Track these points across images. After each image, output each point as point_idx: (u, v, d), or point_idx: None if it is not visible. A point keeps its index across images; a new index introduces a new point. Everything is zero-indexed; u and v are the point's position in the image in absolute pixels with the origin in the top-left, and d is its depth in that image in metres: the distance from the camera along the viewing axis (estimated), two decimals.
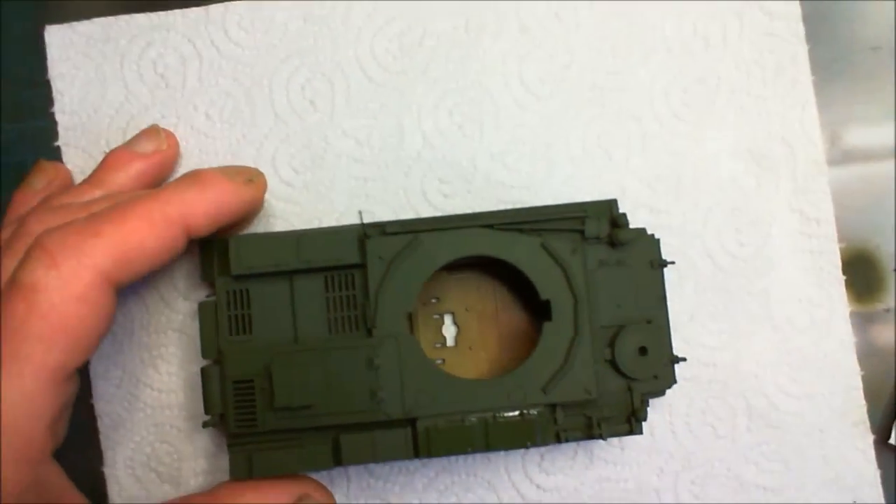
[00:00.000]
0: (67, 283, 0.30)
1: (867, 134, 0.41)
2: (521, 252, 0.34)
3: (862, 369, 0.39)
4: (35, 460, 0.30)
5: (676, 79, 0.40)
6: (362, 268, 0.34)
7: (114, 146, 0.39)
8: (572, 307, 0.34)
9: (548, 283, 0.34)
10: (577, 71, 0.40)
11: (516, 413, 0.33)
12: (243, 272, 0.34)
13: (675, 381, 0.35)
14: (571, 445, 0.38)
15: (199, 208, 0.33)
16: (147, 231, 0.32)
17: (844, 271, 0.40)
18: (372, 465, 0.38)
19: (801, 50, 0.40)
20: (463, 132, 0.40)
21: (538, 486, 0.38)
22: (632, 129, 0.40)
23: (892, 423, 0.39)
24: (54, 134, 0.40)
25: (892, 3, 0.41)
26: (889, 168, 0.41)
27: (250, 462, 0.33)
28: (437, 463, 0.38)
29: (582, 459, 0.38)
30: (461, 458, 0.38)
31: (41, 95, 0.40)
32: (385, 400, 0.33)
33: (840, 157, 0.41)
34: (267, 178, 0.39)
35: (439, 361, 0.37)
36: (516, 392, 0.33)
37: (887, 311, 0.40)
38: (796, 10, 0.40)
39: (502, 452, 0.38)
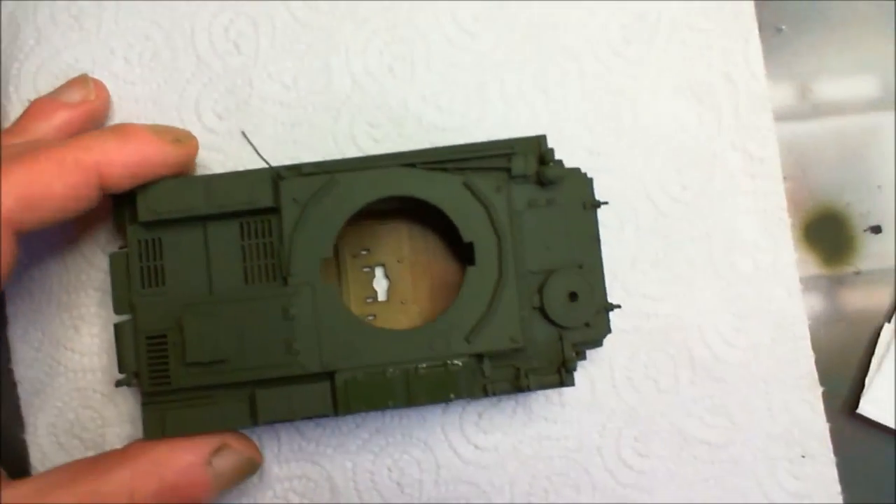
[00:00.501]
0: None
1: (839, 86, 0.39)
2: (442, 191, 0.32)
3: (830, 336, 0.38)
4: None
5: (615, 14, 0.38)
6: (278, 213, 0.32)
7: (22, 93, 0.37)
8: (496, 249, 0.32)
9: (471, 224, 0.32)
10: (511, 8, 0.38)
11: (439, 364, 0.31)
12: (152, 218, 0.32)
13: (609, 330, 0.33)
14: (510, 403, 0.37)
15: (118, 159, 0.31)
16: (56, 174, 0.30)
17: (811, 231, 0.38)
18: (303, 427, 0.36)
19: None
20: (393, 73, 0.38)
21: (476, 446, 0.37)
22: (569, 68, 0.38)
23: (861, 392, 0.37)
24: None
25: None
26: (862, 122, 0.39)
27: (164, 421, 0.31)
28: (371, 423, 0.37)
29: (521, 417, 0.37)
30: (396, 418, 0.37)
31: None
32: (301, 352, 0.31)
33: (810, 110, 0.39)
34: (190, 125, 0.37)
35: (370, 317, 0.36)
36: (439, 342, 0.31)
37: (857, 273, 0.38)
38: None
39: (438, 411, 0.37)
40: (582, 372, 0.37)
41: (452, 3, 0.38)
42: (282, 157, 0.37)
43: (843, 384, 0.38)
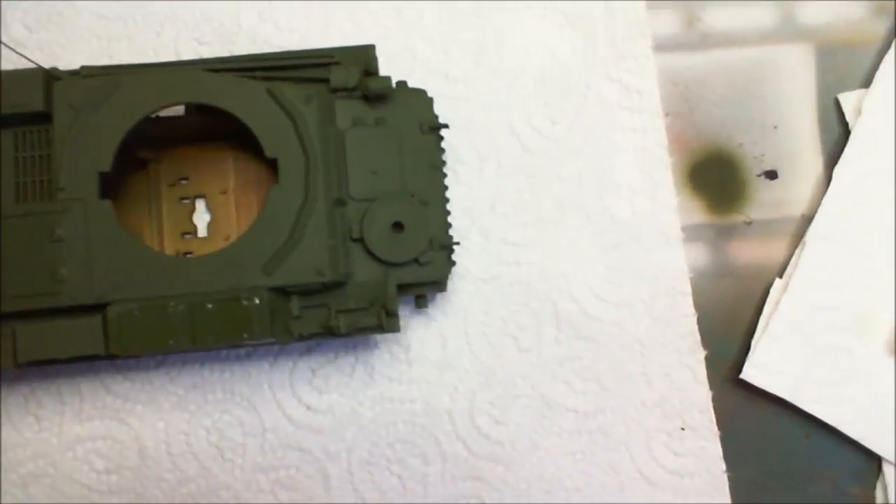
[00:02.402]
0: None
1: (731, 14, 0.35)
2: (241, 99, 0.27)
3: (717, 291, 0.34)
4: None
5: None
6: (51, 118, 0.28)
7: None
8: (303, 168, 0.27)
9: (275, 139, 0.28)
10: None
11: (231, 298, 0.27)
12: None
13: (448, 271, 0.29)
14: (349, 360, 0.32)
15: None
16: None
17: (697, 174, 0.34)
18: (108, 380, 0.32)
19: None
20: None
21: (308, 407, 0.32)
22: None
23: (746, 355, 0.33)
24: None
25: None
26: (756, 55, 0.35)
27: None
28: (186, 378, 0.32)
29: (361, 375, 0.32)
30: (216, 372, 0.32)
31: None
32: (69, 280, 0.27)
33: (697, 40, 0.35)
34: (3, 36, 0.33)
35: (188, 255, 0.31)
36: (231, 271, 0.27)
37: (748, 223, 0.34)
38: None
39: (266, 366, 0.32)
40: (431, 325, 0.32)
41: None
42: None
43: (729, 347, 0.33)
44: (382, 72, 0.31)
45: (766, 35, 0.35)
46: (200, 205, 0.32)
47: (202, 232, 0.32)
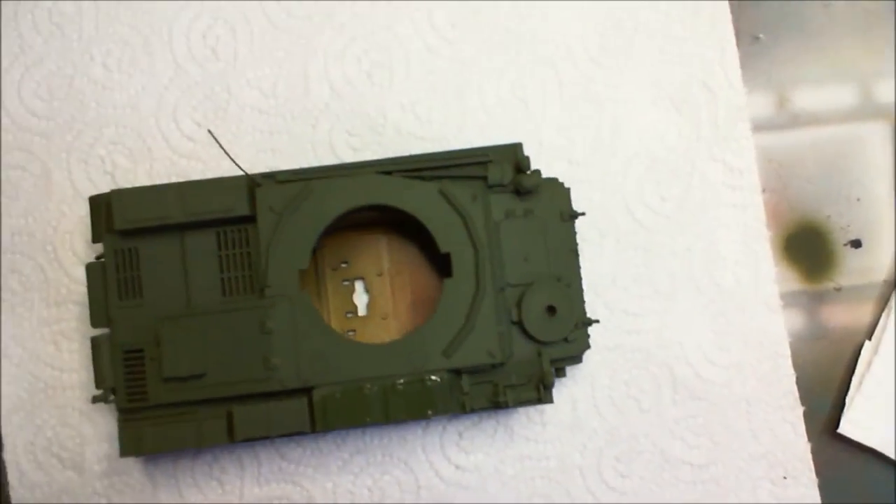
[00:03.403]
0: None
1: (817, 95, 0.39)
2: (417, 199, 0.32)
3: (813, 352, 0.37)
4: None
5: (593, 22, 0.38)
6: (255, 222, 0.32)
7: (7, 101, 0.37)
8: (473, 261, 0.31)
9: (448, 235, 0.32)
10: (489, 14, 0.38)
11: (416, 379, 0.31)
12: (128, 227, 0.31)
13: (588, 346, 0.33)
14: (491, 423, 0.36)
15: None
16: None
17: (792, 245, 0.38)
18: (283, 447, 0.36)
19: None
20: (372, 80, 0.38)
21: (457, 466, 0.36)
22: (547, 76, 0.38)
23: (842, 410, 0.36)
24: None
25: None
26: (841, 132, 0.38)
27: (140, 439, 0.31)
28: (351, 443, 0.36)
29: (502, 437, 0.36)
30: (377, 437, 0.36)
31: None
32: (279, 367, 0.31)
33: (788, 120, 0.38)
34: (168, 132, 0.37)
35: (350, 333, 0.35)
36: (416, 356, 0.31)
37: (838, 289, 0.38)
38: None
39: (419, 431, 0.36)
40: (563, 390, 0.36)
41: (430, 8, 0.38)
42: (260, 165, 0.37)
43: (824, 403, 0.37)
44: None
45: (848, 114, 0.39)
46: (359, 286, 0.36)
47: (362, 311, 0.36)
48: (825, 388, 0.37)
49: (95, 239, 0.33)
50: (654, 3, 0.38)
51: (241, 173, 0.33)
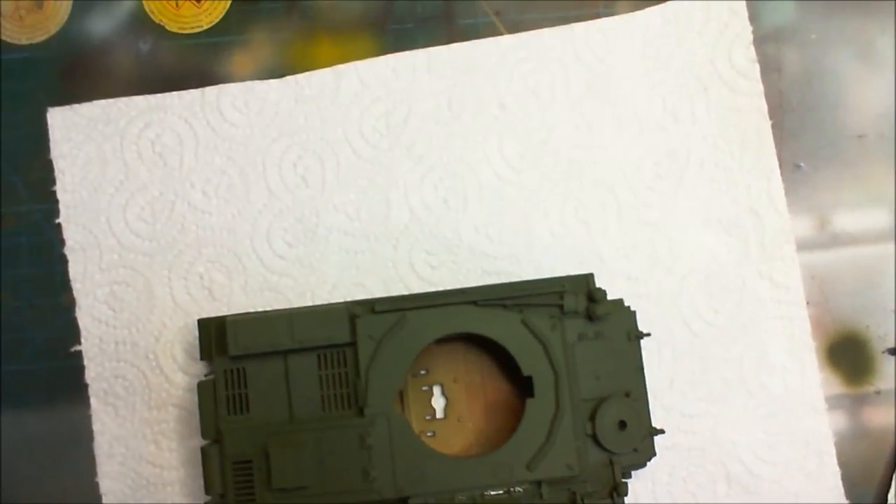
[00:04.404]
0: None
1: (854, 218, 0.43)
2: (503, 329, 0.35)
3: (856, 451, 0.40)
4: None
5: (648, 152, 0.42)
6: (353, 346, 0.35)
7: (114, 223, 0.41)
8: (553, 383, 0.35)
9: (529, 360, 0.35)
10: (554, 146, 0.42)
11: (502, 491, 0.34)
12: (241, 353, 0.35)
13: (654, 454, 0.36)
14: None
15: None
16: None
17: (834, 353, 0.41)
18: None
19: (765, 125, 0.42)
20: (447, 206, 0.41)
21: None
22: (607, 201, 0.42)
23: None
24: (55, 213, 0.41)
25: (876, 93, 0.43)
26: (876, 251, 0.42)
27: None
28: None
29: None
30: None
31: (43, 178, 0.42)
32: (377, 479, 0.34)
33: (829, 240, 0.42)
34: (262, 252, 0.41)
35: (430, 434, 0.38)
36: (502, 469, 0.34)
37: (877, 393, 0.41)
38: (758, 86, 0.42)
39: None
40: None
41: (500, 141, 0.42)
42: (347, 281, 0.41)
43: (867, 497, 0.40)
44: (575, 271, 0.39)
45: (882, 234, 0.42)
46: (437, 390, 0.39)
47: (440, 414, 0.39)
48: (868, 484, 0.40)
49: (203, 357, 0.37)
50: (705, 135, 0.42)
51: (340, 297, 0.36)
